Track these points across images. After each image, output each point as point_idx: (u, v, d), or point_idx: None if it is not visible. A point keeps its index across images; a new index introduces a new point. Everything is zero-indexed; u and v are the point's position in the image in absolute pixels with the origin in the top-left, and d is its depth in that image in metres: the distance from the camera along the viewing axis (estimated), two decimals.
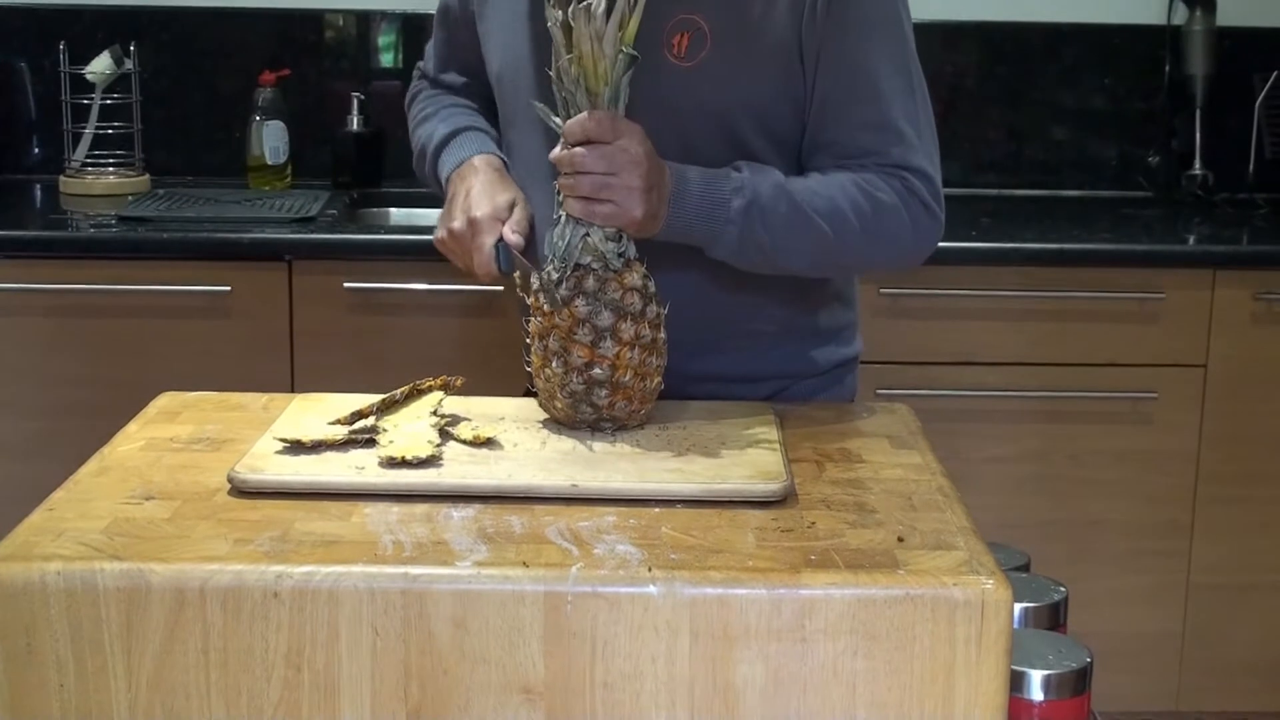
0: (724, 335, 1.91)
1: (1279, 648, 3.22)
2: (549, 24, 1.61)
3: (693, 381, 1.87)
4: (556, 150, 1.65)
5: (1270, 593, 3.20)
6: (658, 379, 1.68)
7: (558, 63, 1.62)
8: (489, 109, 2.06)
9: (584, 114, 1.62)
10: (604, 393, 1.65)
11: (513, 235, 1.81)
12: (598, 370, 1.65)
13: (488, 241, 1.81)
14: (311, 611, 1.30)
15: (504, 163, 1.95)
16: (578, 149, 1.63)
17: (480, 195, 1.86)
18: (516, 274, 1.76)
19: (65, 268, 3.02)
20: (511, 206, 1.85)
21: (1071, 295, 3.07)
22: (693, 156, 1.77)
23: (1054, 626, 1.55)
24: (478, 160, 1.93)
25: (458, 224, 1.84)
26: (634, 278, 1.66)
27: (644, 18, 1.62)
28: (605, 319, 1.65)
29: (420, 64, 2.20)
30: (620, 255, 1.66)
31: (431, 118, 2.07)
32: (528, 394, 1.80)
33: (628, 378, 1.65)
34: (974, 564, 1.34)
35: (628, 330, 1.65)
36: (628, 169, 1.63)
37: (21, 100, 3.60)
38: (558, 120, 1.65)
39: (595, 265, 1.65)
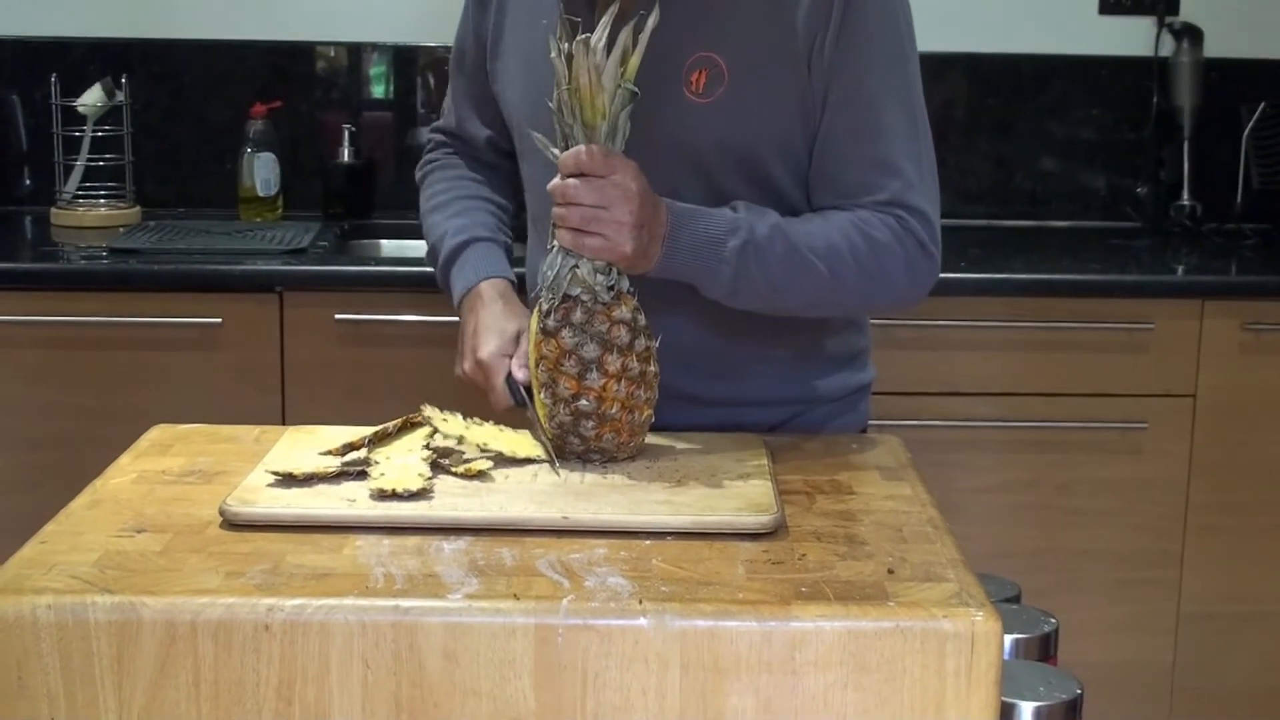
0: (740, 359, 1.93)
1: (1270, 677, 3.22)
2: (551, 55, 1.62)
3: (708, 406, 1.89)
4: (554, 181, 1.66)
5: (1261, 622, 3.20)
6: (647, 412, 1.69)
7: (558, 93, 1.63)
8: (509, 166, 2.06)
9: (580, 146, 1.63)
10: (591, 424, 1.65)
11: (519, 371, 1.81)
12: (584, 402, 1.65)
13: (498, 382, 1.83)
14: (303, 644, 1.30)
15: (512, 284, 1.95)
16: (570, 180, 1.64)
17: (486, 332, 1.87)
18: (530, 411, 1.76)
19: (56, 300, 3.02)
20: (518, 337, 1.85)
21: (1060, 326, 3.08)
22: (714, 192, 1.79)
23: (1044, 657, 1.56)
24: (484, 288, 1.93)
25: (467, 366, 1.88)
26: (623, 311, 1.66)
27: (664, 56, 1.64)
28: (591, 351, 1.65)
29: (437, 123, 2.17)
30: (610, 288, 1.67)
31: (442, 209, 2.05)
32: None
33: (614, 410, 1.65)
34: (964, 596, 1.34)
35: (614, 363, 1.65)
36: (618, 203, 1.64)
37: (13, 132, 3.61)
38: (556, 151, 1.66)
39: (584, 297, 1.66)
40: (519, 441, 1.71)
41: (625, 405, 1.66)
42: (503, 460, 1.67)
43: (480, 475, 1.61)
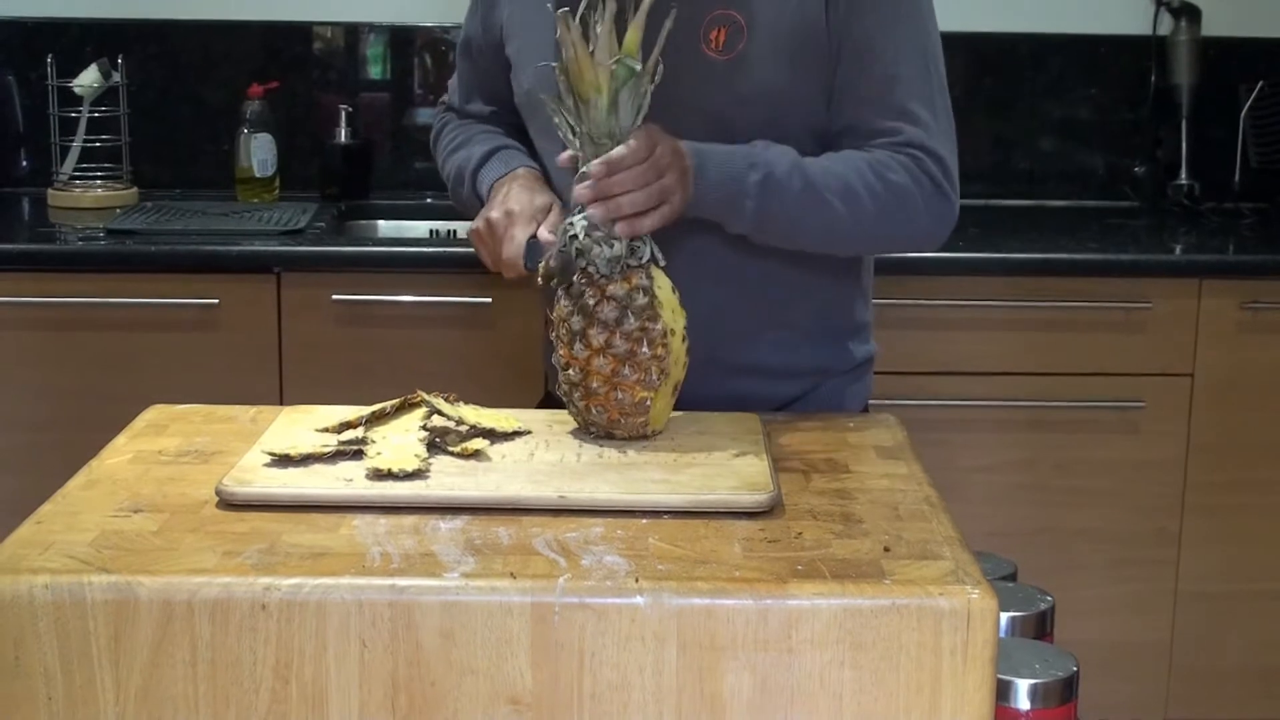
0: (764, 325, 1.95)
1: (1268, 656, 3.22)
2: (557, 35, 1.62)
3: (733, 374, 1.92)
4: (594, 165, 1.66)
5: (1258, 601, 3.20)
6: (641, 394, 1.66)
7: (558, 75, 1.63)
8: (516, 136, 2.08)
9: (630, 141, 1.64)
10: (579, 395, 1.67)
11: (547, 234, 1.82)
12: (571, 372, 1.67)
13: (519, 234, 1.83)
14: (299, 623, 1.30)
15: (545, 176, 1.98)
16: (616, 177, 1.64)
17: (521, 192, 1.89)
18: (540, 268, 1.77)
19: (53, 281, 3.02)
20: (549, 209, 1.88)
21: (1058, 305, 3.08)
22: None
23: (1041, 635, 1.56)
24: (520, 172, 1.96)
25: (495, 214, 1.87)
26: (618, 287, 1.66)
27: (682, 14, 1.66)
28: (578, 323, 1.66)
29: (444, 98, 2.22)
30: (611, 261, 1.66)
31: (466, 144, 2.08)
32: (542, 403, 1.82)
33: (597, 385, 1.66)
34: (960, 573, 1.34)
35: (597, 337, 1.65)
36: (669, 170, 1.67)
37: (9, 113, 3.60)
38: (578, 154, 1.66)
39: (590, 269, 1.67)
40: (503, 418, 1.71)
41: (610, 383, 1.65)
42: (494, 436, 1.67)
43: (477, 455, 1.61)
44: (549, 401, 2.03)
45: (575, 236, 1.66)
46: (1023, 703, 1.41)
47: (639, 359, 1.66)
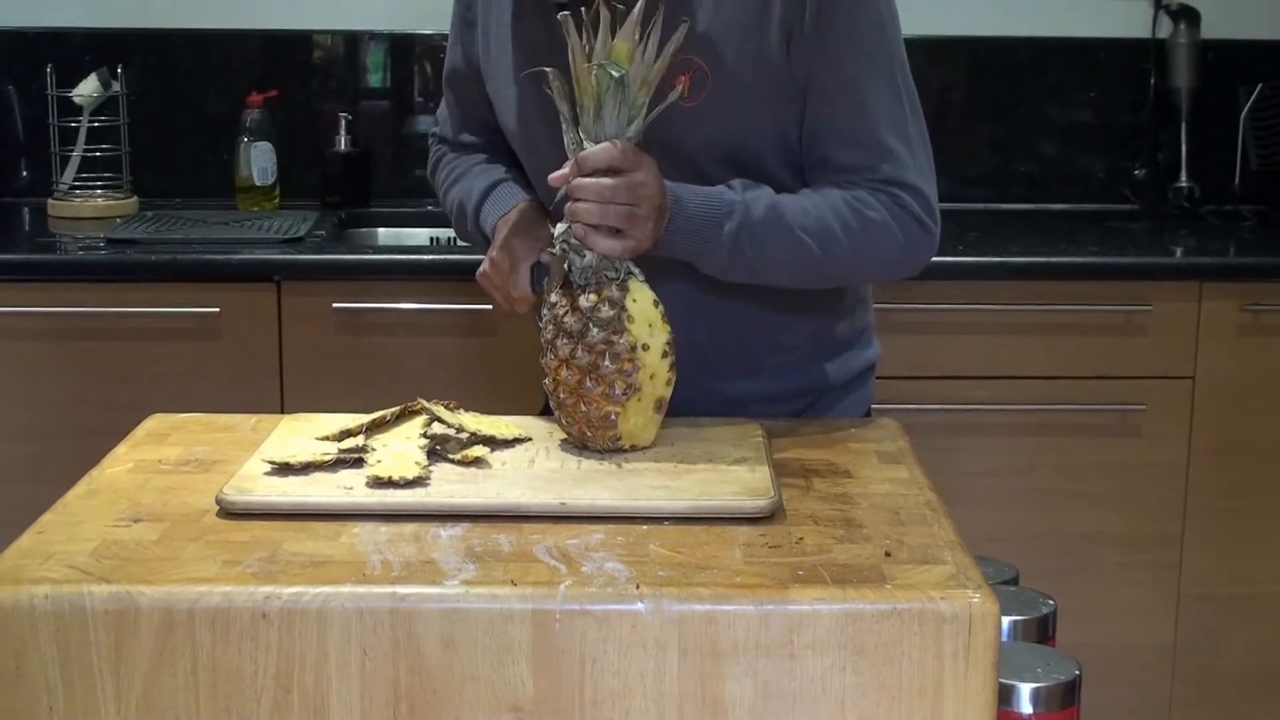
0: (761, 353, 1.93)
1: (1271, 658, 3.22)
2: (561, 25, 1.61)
3: (737, 404, 1.90)
4: (564, 170, 1.65)
5: (1261, 603, 3.20)
6: (608, 408, 1.64)
7: (552, 75, 1.63)
8: (510, 161, 2.07)
9: (607, 143, 1.63)
10: (554, 404, 1.68)
11: (547, 256, 1.81)
12: (546, 381, 1.68)
13: (523, 265, 1.83)
14: (300, 632, 1.30)
15: (545, 210, 1.96)
16: (605, 180, 1.63)
17: (518, 227, 1.88)
18: (545, 285, 1.77)
19: (54, 290, 3.01)
20: (549, 239, 1.85)
21: (1059, 308, 3.08)
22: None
23: (1043, 639, 1.56)
24: (521, 206, 1.94)
25: (495, 253, 1.87)
26: (586, 299, 1.65)
27: None
28: (549, 331, 1.67)
29: (435, 130, 2.19)
30: (585, 271, 1.66)
31: (464, 176, 2.06)
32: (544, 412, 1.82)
33: (564, 395, 1.66)
34: (961, 578, 1.34)
35: (564, 348, 1.65)
36: (645, 201, 1.65)
37: (9, 123, 3.60)
38: (575, 137, 1.65)
39: (571, 276, 1.67)
40: (504, 425, 1.71)
41: (575, 394, 1.65)
42: (494, 443, 1.67)
43: (477, 462, 1.61)
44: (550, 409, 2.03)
45: (560, 241, 1.66)
46: (1025, 707, 1.41)
47: (602, 372, 1.64)
